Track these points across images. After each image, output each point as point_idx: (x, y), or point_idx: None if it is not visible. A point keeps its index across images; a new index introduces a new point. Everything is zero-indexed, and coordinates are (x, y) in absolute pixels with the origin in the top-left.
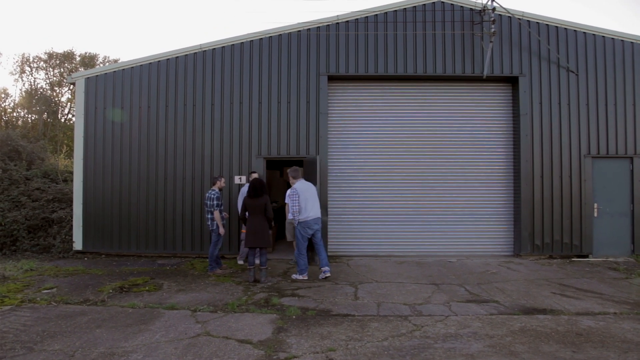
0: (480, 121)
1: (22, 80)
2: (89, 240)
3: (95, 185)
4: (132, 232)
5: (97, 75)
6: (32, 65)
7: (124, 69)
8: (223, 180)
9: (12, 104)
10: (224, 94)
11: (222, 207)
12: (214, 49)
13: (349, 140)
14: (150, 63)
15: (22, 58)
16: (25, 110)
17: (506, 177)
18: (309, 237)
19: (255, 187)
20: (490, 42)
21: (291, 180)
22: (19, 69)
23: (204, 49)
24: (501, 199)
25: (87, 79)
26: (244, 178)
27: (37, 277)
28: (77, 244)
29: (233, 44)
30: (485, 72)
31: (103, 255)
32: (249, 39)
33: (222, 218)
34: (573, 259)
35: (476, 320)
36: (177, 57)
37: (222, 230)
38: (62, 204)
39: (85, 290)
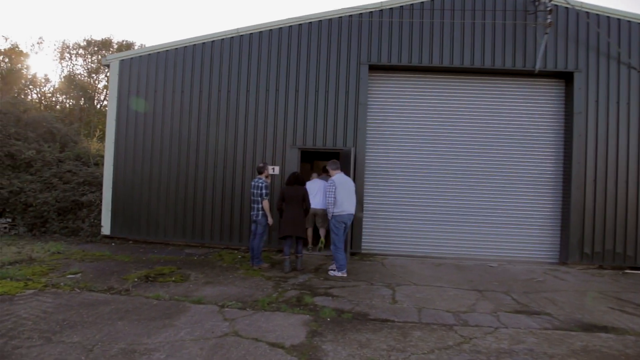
0: (529, 119)
1: (62, 66)
2: (116, 225)
3: (126, 169)
4: (160, 219)
5: (131, 58)
6: (71, 52)
7: (158, 52)
8: (270, 168)
9: (51, 89)
10: (259, 81)
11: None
12: (251, 34)
13: (388, 134)
14: (186, 47)
15: (62, 45)
16: (64, 96)
17: (555, 180)
18: (344, 230)
19: (296, 177)
20: (546, 33)
21: (331, 173)
22: (59, 55)
23: (240, 34)
24: (548, 202)
25: (122, 61)
26: (277, 168)
27: (64, 261)
28: (105, 229)
29: (271, 29)
30: (538, 66)
31: (130, 242)
32: (287, 25)
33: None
34: (626, 271)
35: (530, 335)
36: (213, 41)
37: (270, 220)
38: (92, 187)
39: (110, 277)
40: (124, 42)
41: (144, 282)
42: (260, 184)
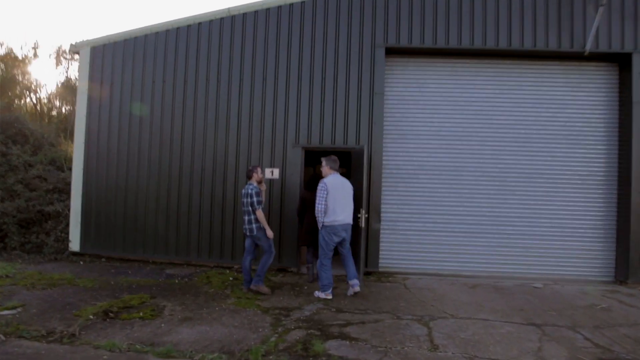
0: (576, 110)
1: (58, 71)
2: (87, 240)
3: (98, 174)
4: (139, 232)
5: (104, 45)
6: (67, 56)
7: (136, 37)
8: (260, 170)
9: (47, 95)
10: (255, 69)
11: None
12: (245, 14)
13: (409, 129)
14: (168, 30)
15: (58, 49)
16: (62, 101)
17: (607, 182)
18: (335, 245)
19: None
20: (601, 5)
21: (324, 172)
22: (55, 60)
23: (232, 14)
24: (600, 209)
25: (93, 49)
26: (276, 172)
27: (8, 288)
28: (74, 244)
29: (268, 8)
30: (589, 47)
31: (103, 259)
32: (287, 2)
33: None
34: None
35: None
36: (200, 23)
37: (270, 233)
38: (63, 195)
39: (58, 313)
40: None
41: (101, 320)
42: (250, 191)
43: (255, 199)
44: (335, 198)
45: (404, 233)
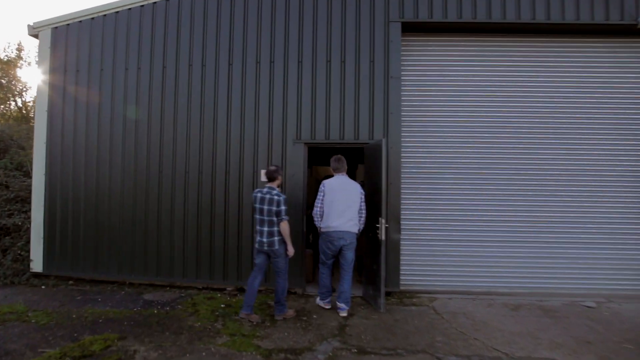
0: (626, 95)
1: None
2: (52, 259)
3: (63, 180)
4: (113, 248)
5: (68, 24)
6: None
7: (105, 15)
8: (262, 173)
9: (33, 98)
10: (246, 49)
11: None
12: None
13: (431, 121)
14: (143, 6)
15: None
16: None
17: None
18: (334, 254)
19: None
20: None
21: (332, 171)
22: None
23: None
24: None
25: (55, 30)
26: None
27: None
28: (36, 264)
29: None
30: None
31: (70, 282)
32: None
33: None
34: None
35: None
36: None
37: (292, 250)
38: (26, 205)
39: None
40: None
41: None
42: (275, 197)
43: (283, 207)
44: (332, 202)
45: (428, 244)
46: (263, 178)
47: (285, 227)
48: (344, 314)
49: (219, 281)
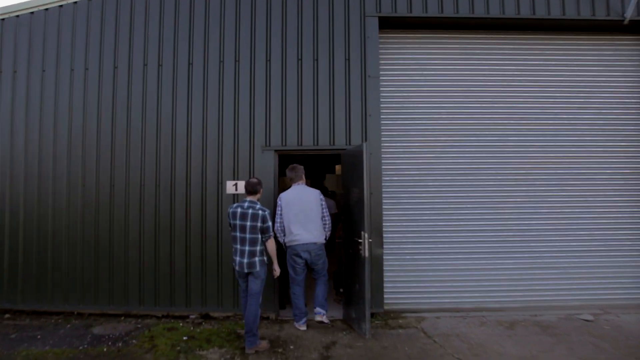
0: (612, 94)
1: None
2: None
3: None
4: (57, 273)
5: (3, 20)
6: None
7: (47, 9)
8: (229, 184)
9: None
10: (208, 47)
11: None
12: None
13: (411, 123)
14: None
15: None
16: None
17: None
18: (303, 267)
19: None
20: None
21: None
22: None
23: None
24: None
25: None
26: (242, 185)
27: None
28: None
29: None
30: (629, 14)
31: (7, 315)
32: None
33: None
34: None
35: None
36: None
37: (278, 270)
38: None
39: None
40: None
41: None
42: (260, 212)
43: (270, 223)
44: (290, 215)
45: (412, 258)
46: (229, 190)
47: (272, 244)
48: (319, 318)
49: (181, 308)
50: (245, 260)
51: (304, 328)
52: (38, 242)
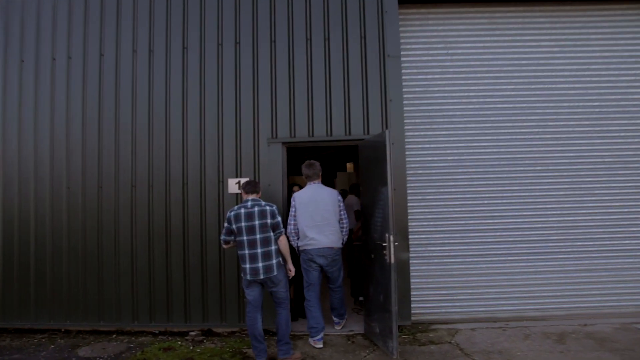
0: None
1: None
2: None
3: None
4: (42, 287)
5: None
6: None
7: None
8: (231, 182)
9: None
10: (205, 30)
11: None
12: None
13: (437, 109)
14: None
15: None
16: None
17: None
18: (318, 273)
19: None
20: None
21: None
22: None
23: None
24: None
25: None
26: (244, 182)
27: None
28: None
29: None
30: None
31: None
32: None
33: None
34: None
35: None
36: None
37: (292, 269)
38: None
39: None
40: None
41: None
42: (267, 208)
43: (279, 218)
44: (305, 216)
45: (441, 262)
46: (231, 189)
47: (285, 242)
48: (338, 327)
49: (179, 323)
50: (261, 265)
51: (320, 345)
52: (19, 251)
